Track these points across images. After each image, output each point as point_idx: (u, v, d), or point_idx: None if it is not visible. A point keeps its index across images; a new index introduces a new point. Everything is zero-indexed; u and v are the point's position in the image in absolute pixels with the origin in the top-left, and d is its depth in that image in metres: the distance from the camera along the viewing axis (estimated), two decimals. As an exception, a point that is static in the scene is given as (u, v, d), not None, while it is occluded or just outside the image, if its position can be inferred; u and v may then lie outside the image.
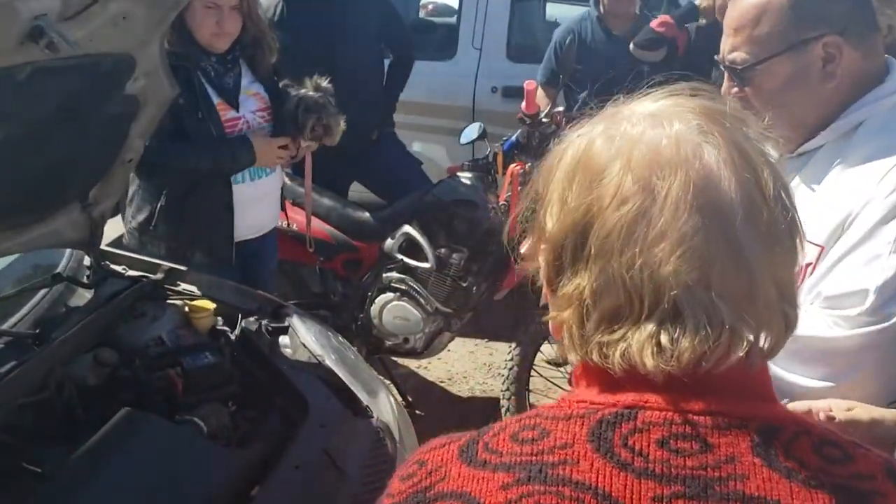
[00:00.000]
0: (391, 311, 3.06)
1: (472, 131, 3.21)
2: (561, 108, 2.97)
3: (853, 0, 1.26)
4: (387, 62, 3.75)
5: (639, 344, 0.63)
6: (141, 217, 2.56)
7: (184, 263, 2.31)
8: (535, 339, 2.96)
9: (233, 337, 2.09)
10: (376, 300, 3.10)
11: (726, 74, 1.33)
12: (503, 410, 2.93)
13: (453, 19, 4.95)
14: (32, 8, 1.29)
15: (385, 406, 2.02)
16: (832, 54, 1.23)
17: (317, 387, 1.93)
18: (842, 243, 1.19)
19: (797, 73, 1.25)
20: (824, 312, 1.19)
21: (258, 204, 2.66)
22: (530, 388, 3.00)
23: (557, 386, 3.21)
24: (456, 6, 5.63)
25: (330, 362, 2.04)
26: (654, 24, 3.41)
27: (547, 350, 3.22)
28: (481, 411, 3.55)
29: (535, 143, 2.94)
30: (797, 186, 1.28)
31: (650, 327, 0.63)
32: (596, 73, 3.25)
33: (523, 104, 2.89)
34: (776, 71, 1.26)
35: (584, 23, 3.49)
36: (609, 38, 3.46)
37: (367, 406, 1.95)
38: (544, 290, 0.74)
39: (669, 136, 0.65)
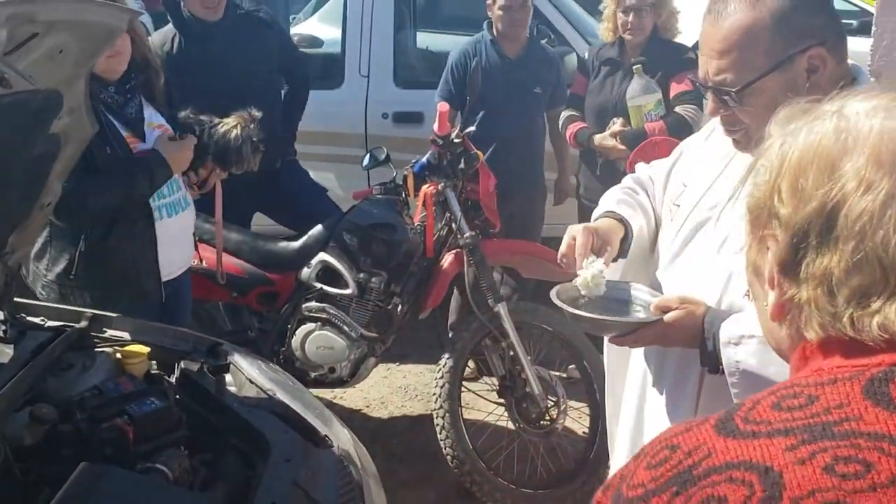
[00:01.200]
0: (314, 341, 3.01)
1: (375, 155, 3.23)
2: (472, 129, 3.04)
3: (828, 11, 1.37)
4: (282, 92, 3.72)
5: None
6: (59, 268, 2.40)
7: (111, 309, 2.19)
8: (462, 354, 3.00)
9: (172, 380, 2.00)
10: (297, 332, 3.04)
11: (711, 96, 1.37)
12: (438, 428, 2.94)
13: (334, 49, 4.96)
14: (-20, 43, 1.21)
15: (341, 434, 2.00)
16: (816, 65, 1.31)
17: (272, 422, 1.88)
18: None
19: (785, 87, 1.29)
20: None
21: (177, 241, 2.57)
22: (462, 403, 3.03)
23: (485, 398, 3.26)
24: (322, 37, 5.69)
25: (281, 395, 2.00)
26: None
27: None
28: (405, 434, 3.56)
29: (446, 163, 3.00)
30: None
31: None
32: (491, 94, 3.36)
33: (435, 125, 2.95)
34: (766, 88, 1.31)
35: (478, 45, 3.60)
36: (503, 61, 3.58)
37: (326, 436, 1.92)
38: (769, 272, 0.77)
39: None
